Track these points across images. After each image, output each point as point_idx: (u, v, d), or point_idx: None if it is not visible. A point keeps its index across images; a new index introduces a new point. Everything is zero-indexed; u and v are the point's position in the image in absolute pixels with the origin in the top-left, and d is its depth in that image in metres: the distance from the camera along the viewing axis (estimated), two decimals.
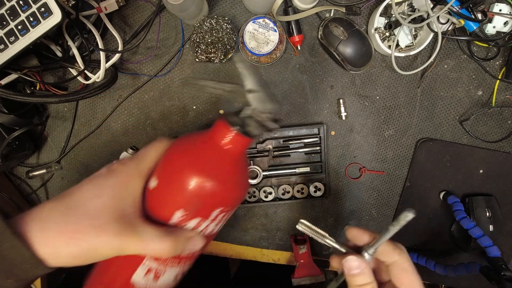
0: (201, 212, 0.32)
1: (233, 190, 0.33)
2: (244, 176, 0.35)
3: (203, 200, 0.31)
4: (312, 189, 0.58)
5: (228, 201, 0.33)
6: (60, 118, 0.59)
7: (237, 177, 0.34)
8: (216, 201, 0.32)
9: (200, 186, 0.31)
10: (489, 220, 0.55)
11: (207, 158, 0.32)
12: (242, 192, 0.35)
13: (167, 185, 0.32)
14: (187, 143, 0.34)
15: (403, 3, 0.50)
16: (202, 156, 0.32)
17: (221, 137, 0.32)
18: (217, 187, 0.31)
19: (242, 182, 0.35)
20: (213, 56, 0.52)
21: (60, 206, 0.30)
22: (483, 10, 0.49)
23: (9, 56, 0.44)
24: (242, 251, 0.63)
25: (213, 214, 0.33)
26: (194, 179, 0.31)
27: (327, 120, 0.57)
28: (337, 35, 0.51)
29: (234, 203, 0.35)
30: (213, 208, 0.33)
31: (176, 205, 0.32)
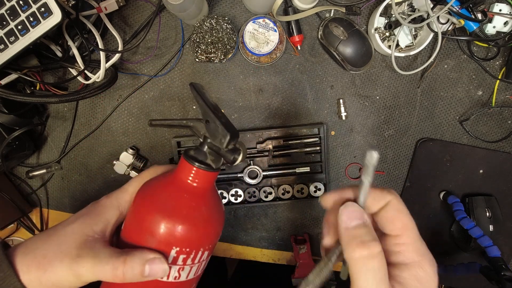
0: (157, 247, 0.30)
1: (191, 229, 0.30)
2: (214, 211, 0.32)
3: (159, 238, 0.29)
4: (312, 189, 0.58)
5: (186, 241, 0.30)
6: (60, 118, 0.59)
7: (204, 214, 0.31)
8: (172, 240, 0.30)
9: (161, 229, 0.29)
10: (489, 220, 0.55)
11: (171, 201, 0.30)
12: (210, 229, 0.31)
13: (131, 230, 0.32)
14: (152, 187, 0.32)
15: (403, 3, 0.50)
16: (166, 200, 0.30)
17: (184, 175, 0.31)
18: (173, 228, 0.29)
19: (212, 218, 0.32)
20: (213, 56, 0.52)
21: (43, 234, 0.32)
22: (483, 10, 0.49)
23: (9, 56, 0.44)
24: (242, 251, 0.63)
25: (171, 254, 0.30)
26: (159, 224, 0.29)
27: (327, 120, 0.57)
28: (337, 35, 0.51)
29: (193, 243, 0.31)
30: (169, 247, 0.30)
31: (133, 240, 0.31)
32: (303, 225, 0.61)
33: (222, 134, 0.29)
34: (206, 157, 0.31)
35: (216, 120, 0.29)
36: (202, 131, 0.31)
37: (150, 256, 0.29)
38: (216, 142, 0.30)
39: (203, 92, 0.31)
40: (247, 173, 0.57)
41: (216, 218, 0.32)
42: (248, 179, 0.57)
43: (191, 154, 0.31)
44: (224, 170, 0.58)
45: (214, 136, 0.30)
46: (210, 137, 0.30)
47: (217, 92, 0.57)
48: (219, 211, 0.33)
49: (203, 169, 0.30)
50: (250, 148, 0.57)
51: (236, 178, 0.58)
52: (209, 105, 0.30)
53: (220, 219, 0.33)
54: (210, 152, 0.31)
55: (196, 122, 0.32)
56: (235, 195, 0.58)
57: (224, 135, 0.29)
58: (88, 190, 0.61)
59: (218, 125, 0.29)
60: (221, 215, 0.33)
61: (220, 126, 0.29)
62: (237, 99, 0.57)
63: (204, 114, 0.30)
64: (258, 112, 0.57)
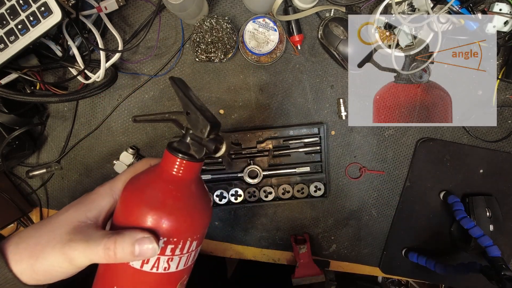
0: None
1: (187, 220, 0.31)
2: (200, 201, 0.33)
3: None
4: (312, 188, 0.58)
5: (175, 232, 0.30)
6: (60, 118, 0.59)
7: (189, 204, 0.32)
8: (159, 230, 0.30)
9: (150, 221, 0.30)
10: (489, 219, 0.55)
11: (156, 193, 0.31)
12: (197, 218, 0.32)
13: (120, 221, 0.32)
14: (138, 179, 0.33)
15: (403, 3, 0.50)
16: (151, 191, 0.31)
17: (168, 167, 0.31)
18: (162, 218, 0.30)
19: (198, 208, 0.32)
20: (213, 56, 0.52)
21: (37, 223, 0.32)
22: (483, 9, 0.49)
23: (9, 56, 0.44)
24: (242, 251, 0.63)
25: (159, 244, 0.30)
26: (145, 215, 0.30)
27: (327, 120, 0.57)
28: (337, 34, 0.51)
29: (179, 232, 0.31)
30: (157, 238, 0.30)
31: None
32: (303, 225, 0.61)
33: (203, 124, 0.30)
34: (189, 148, 0.32)
35: (197, 111, 0.30)
36: (184, 123, 0.32)
37: (139, 236, 0.29)
38: (198, 132, 0.31)
39: (183, 85, 0.32)
40: (247, 172, 0.57)
41: (202, 208, 0.33)
42: (248, 178, 0.57)
43: (174, 145, 0.32)
44: (223, 170, 0.58)
45: (195, 127, 0.31)
46: (192, 128, 0.31)
47: (217, 91, 0.57)
48: (206, 201, 0.34)
49: (186, 159, 0.31)
50: (250, 148, 0.57)
51: (236, 178, 0.58)
52: (189, 96, 0.31)
53: (206, 209, 0.33)
54: (192, 143, 0.31)
55: (178, 115, 0.32)
56: (235, 195, 0.58)
57: (204, 125, 0.30)
58: (88, 190, 0.61)
59: (199, 116, 0.30)
60: (207, 205, 0.34)
61: (201, 117, 0.30)
62: (237, 99, 0.57)
63: (184, 106, 0.31)
64: (258, 111, 0.57)
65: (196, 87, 0.57)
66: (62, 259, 0.29)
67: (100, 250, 0.29)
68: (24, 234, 0.31)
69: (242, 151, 0.57)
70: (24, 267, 0.29)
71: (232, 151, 0.57)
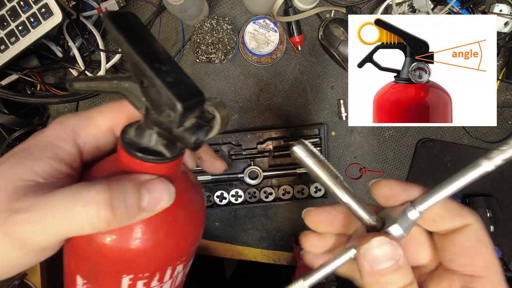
0: (103, 282, 0.21)
1: (147, 248, 0.20)
2: (182, 213, 0.21)
3: (98, 266, 0.20)
4: (313, 189, 0.58)
5: (141, 265, 0.20)
6: None
7: (164, 224, 0.20)
8: (119, 266, 0.20)
9: (84, 245, 0.20)
10: (489, 220, 0.55)
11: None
12: (165, 248, 0.21)
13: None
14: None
15: (403, 4, 0.50)
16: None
17: (127, 168, 0.19)
18: (114, 243, 0.19)
19: (179, 226, 0.21)
20: (214, 57, 0.52)
21: None
22: (484, 10, 0.49)
23: (10, 57, 0.44)
24: (242, 252, 0.63)
25: (124, 283, 0.21)
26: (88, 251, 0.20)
27: (327, 121, 0.57)
28: (338, 35, 0.51)
29: (152, 266, 0.21)
30: (118, 275, 0.20)
31: (71, 270, 0.22)
32: (303, 226, 0.61)
33: (169, 105, 0.16)
34: (155, 140, 0.18)
35: (155, 79, 0.16)
36: (142, 98, 0.18)
37: (146, 177, 0.18)
38: (163, 117, 0.17)
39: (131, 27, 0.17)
40: (248, 173, 0.57)
41: (187, 221, 0.22)
42: (249, 179, 0.57)
43: (129, 137, 0.19)
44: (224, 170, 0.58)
45: (157, 107, 0.17)
46: (153, 108, 0.17)
47: (218, 92, 0.57)
48: (192, 210, 0.22)
49: (149, 161, 0.18)
50: (250, 149, 0.57)
51: (237, 178, 0.58)
52: (140, 50, 0.16)
53: (194, 221, 0.22)
54: (159, 133, 0.18)
55: (131, 83, 0.18)
56: (236, 196, 0.58)
57: (172, 106, 0.16)
58: None
59: (160, 90, 0.16)
60: (195, 214, 0.22)
61: (164, 91, 0.16)
62: (238, 100, 0.57)
63: (135, 71, 0.17)
64: (259, 112, 0.57)
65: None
66: (6, 243, 0.17)
67: (83, 211, 0.17)
68: None
69: (243, 151, 0.57)
70: None
71: (232, 152, 0.57)
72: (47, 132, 0.21)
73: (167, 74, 0.16)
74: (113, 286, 0.21)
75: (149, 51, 0.17)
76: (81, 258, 0.20)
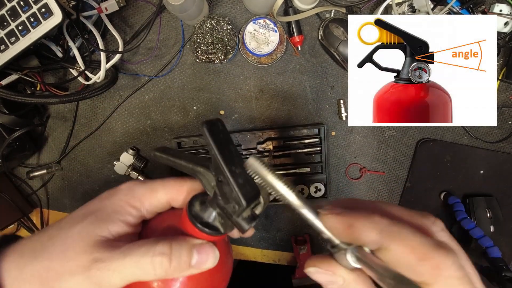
0: None
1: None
2: (219, 275, 0.28)
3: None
4: (313, 189, 0.58)
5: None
6: (60, 119, 0.59)
7: (195, 282, 0.26)
8: None
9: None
10: (489, 220, 0.55)
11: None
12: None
13: None
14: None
15: (403, 4, 0.50)
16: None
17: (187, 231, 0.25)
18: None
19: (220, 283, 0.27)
20: (214, 57, 0.52)
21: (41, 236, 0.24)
22: (484, 10, 0.49)
23: (9, 57, 0.44)
24: (242, 252, 0.62)
25: None
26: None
27: (327, 121, 0.57)
28: (338, 35, 0.51)
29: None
30: None
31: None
32: (303, 226, 0.61)
33: (236, 201, 0.22)
34: (215, 218, 0.25)
35: (231, 180, 0.22)
36: (212, 184, 0.24)
37: (197, 241, 0.24)
38: (229, 207, 0.23)
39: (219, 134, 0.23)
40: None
41: (221, 279, 0.28)
42: None
43: (196, 211, 0.25)
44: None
45: (225, 198, 0.23)
46: (222, 198, 0.24)
47: (218, 92, 0.57)
48: (226, 270, 0.29)
49: (208, 234, 0.25)
50: (250, 149, 0.57)
51: None
52: (224, 157, 0.22)
53: (226, 279, 0.29)
54: (220, 214, 0.25)
55: (206, 170, 0.25)
56: None
57: (238, 202, 0.22)
58: (89, 190, 0.61)
59: (233, 189, 0.22)
60: (228, 273, 0.29)
61: (235, 191, 0.22)
62: (238, 100, 0.57)
63: (216, 169, 0.23)
64: (259, 112, 0.57)
65: (196, 88, 0.57)
66: (86, 285, 0.22)
67: (148, 260, 0.22)
68: (28, 253, 0.23)
69: (243, 151, 0.57)
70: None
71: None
72: (119, 195, 0.26)
73: (239, 176, 0.22)
74: None
75: (229, 155, 0.23)
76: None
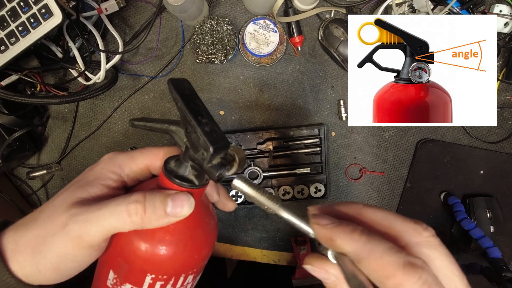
0: (130, 277, 0.26)
1: (171, 255, 0.26)
2: (200, 232, 0.28)
3: (130, 263, 0.26)
4: (313, 190, 0.58)
5: (163, 268, 0.26)
6: (60, 119, 0.59)
7: (177, 237, 0.26)
8: (146, 265, 0.26)
9: (124, 245, 0.26)
10: (489, 221, 0.55)
11: None
12: (184, 257, 0.27)
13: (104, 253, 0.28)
14: None
15: (403, 4, 0.50)
16: None
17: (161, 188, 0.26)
18: (146, 247, 0.25)
19: (186, 245, 0.27)
20: (214, 57, 0.52)
21: (35, 212, 0.26)
22: (484, 10, 0.49)
23: (9, 57, 0.44)
24: (242, 252, 0.62)
25: (146, 281, 0.26)
26: (130, 247, 0.26)
27: (327, 121, 0.57)
28: (338, 36, 0.51)
29: (171, 271, 0.27)
30: (143, 273, 0.26)
31: (107, 264, 0.27)
32: None
33: (204, 147, 0.24)
34: (188, 171, 0.26)
35: (197, 128, 0.23)
36: (184, 139, 0.26)
37: (172, 192, 0.25)
38: (198, 155, 0.24)
39: (185, 90, 0.25)
40: (247, 174, 0.57)
41: (202, 239, 0.28)
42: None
43: (170, 167, 0.26)
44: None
45: (195, 147, 0.24)
46: (191, 148, 0.25)
47: (218, 93, 0.57)
48: (208, 231, 0.29)
49: (183, 186, 0.26)
50: (250, 149, 0.57)
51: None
52: (188, 107, 0.24)
53: (208, 240, 0.29)
54: (192, 166, 0.26)
55: (178, 127, 0.26)
56: (236, 196, 0.58)
57: (206, 148, 0.23)
58: None
59: (200, 136, 0.23)
60: (210, 234, 0.29)
61: (202, 137, 0.23)
62: (238, 100, 0.57)
63: (183, 120, 0.25)
64: (259, 112, 0.57)
65: (196, 88, 0.56)
66: (67, 242, 0.23)
67: (123, 208, 0.23)
68: (21, 227, 0.26)
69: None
70: (29, 269, 0.24)
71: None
72: (100, 165, 0.28)
73: (205, 125, 0.24)
74: (138, 282, 0.26)
75: (195, 107, 0.24)
76: (118, 256, 0.26)
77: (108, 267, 0.27)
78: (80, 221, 0.23)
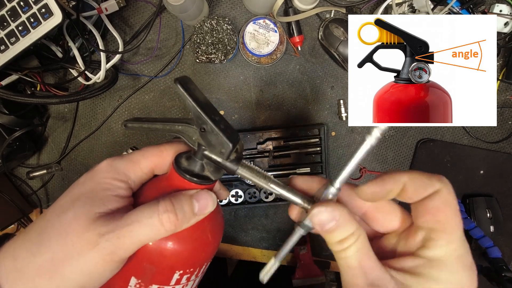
0: (157, 278, 0.26)
1: (196, 248, 0.27)
2: (216, 223, 0.29)
3: (158, 265, 0.26)
4: None
5: (190, 262, 0.27)
6: (60, 119, 0.59)
7: (200, 231, 0.27)
8: (175, 264, 0.26)
9: (152, 250, 0.25)
10: (489, 221, 0.55)
11: None
12: (207, 248, 0.28)
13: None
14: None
15: (403, 4, 0.50)
16: None
17: (176, 188, 0.26)
18: (174, 247, 0.25)
19: (207, 236, 0.28)
20: (214, 57, 0.52)
21: (32, 231, 0.24)
22: (484, 10, 0.49)
23: (10, 57, 0.44)
24: (242, 252, 0.62)
25: (174, 278, 0.27)
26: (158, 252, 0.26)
27: (327, 121, 0.57)
28: (338, 35, 0.51)
29: (197, 262, 0.28)
30: (172, 271, 0.26)
31: (128, 272, 0.26)
32: None
33: (224, 145, 0.24)
34: (203, 168, 0.26)
35: (215, 128, 0.24)
36: (194, 137, 0.26)
37: (193, 191, 0.25)
38: (215, 153, 0.25)
39: (193, 90, 0.24)
40: None
41: (219, 226, 0.29)
42: None
43: (184, 165, 0.26)
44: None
45: (211, 145, 0.25)
46: (207, 146, 0.25)
47: (218, 92, 0.57)
48: (220, 217, 0.30)
49: (203, 184, 0.26)
50: (250, 149, 0.57)
51: (237, 178, 0.58)
52: (203, 107, 0.24)
53: (222, 225, 0.30)
54: (207, 163, 0.26)
55: (185, 127, 0.26)
56: (236, 196, 0.58)
57: (224, 145, 0.24)
58: None
59: (218, 134, 0.24)
60: (222, 220, 0.30)
61: (220, 136, 0.24)
62: (238, 100, 0.57)
63: (198, 120, 0.24)
64: (259, 112, 0.57)
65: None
66: (98, 260, 0.22)
67: (156, 220, 0.23)
68: (23, 254, 0.23)
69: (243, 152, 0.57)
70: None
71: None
72: (101, 174, 0.26)
73: (219, 122, 0.24)
74: (166, 280, 0.26)
75: (205, 105, 0.24)
76: (143, 261, 0.26)
77: (128, 275, 0.26)
78: (112, 238, 0.23)
